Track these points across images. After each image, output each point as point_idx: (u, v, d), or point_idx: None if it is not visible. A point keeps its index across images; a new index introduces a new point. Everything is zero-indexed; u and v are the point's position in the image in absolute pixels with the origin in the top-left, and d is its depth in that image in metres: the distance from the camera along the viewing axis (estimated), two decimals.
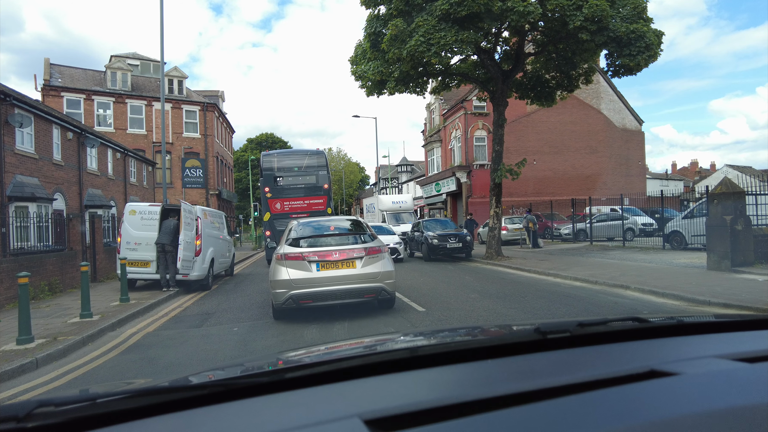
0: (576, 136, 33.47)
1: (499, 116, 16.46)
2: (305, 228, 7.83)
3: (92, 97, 30.11)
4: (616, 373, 1.00)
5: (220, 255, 13.05)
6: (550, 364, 1.19)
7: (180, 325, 7.52)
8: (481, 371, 1.17)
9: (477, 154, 31.45)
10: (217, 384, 1.11)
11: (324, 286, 6.95)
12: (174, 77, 33.68)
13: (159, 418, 0.90)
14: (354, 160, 75.56)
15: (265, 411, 0.94)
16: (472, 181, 31.05)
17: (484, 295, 9.30)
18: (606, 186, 32.83)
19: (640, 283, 9.40)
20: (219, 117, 37.57)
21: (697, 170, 71.23)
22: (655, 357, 1.19)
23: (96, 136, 20.08)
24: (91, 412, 0.90)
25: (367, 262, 7.17)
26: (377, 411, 0.83)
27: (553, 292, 9.29)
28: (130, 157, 25.03)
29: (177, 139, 33.28)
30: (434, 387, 1.09)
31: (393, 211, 27.45)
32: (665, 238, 17.71)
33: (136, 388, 1.13)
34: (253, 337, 6.43)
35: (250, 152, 62.84)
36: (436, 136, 36.41)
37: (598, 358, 1.23)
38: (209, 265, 11.59)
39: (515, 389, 0.93)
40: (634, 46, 12.99)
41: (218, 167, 36.36)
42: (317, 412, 0.90)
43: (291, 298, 6.88)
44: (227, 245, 14.17)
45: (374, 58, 15.31)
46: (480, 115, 31.39)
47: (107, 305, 8.98)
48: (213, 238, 12.35)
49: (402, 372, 1.12)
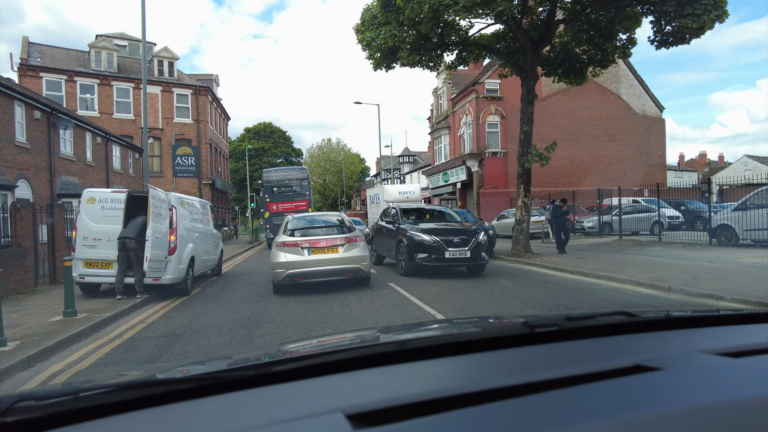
0: (594, 122, 31.26)
1: (529, 92, 14.29)
2: (299, 221, 9.80)
3: (74, 79, 27.84)
4: (603, 368, 1.00)
5: (204, 252, 10.96)
6: (537, 357, 1.18)
7: (129, 356, 5.38)
8: (468, 365, 1.15)
9: (489, 141, 29.25)
10: (203, 377, 1.11)
11: (313, 267, 8.77)
12: (164, 58, 31.39)
13: (143, 412, 0.88)
14: (354, 152, 73.24)
15: (249, 405, 0.92)
16: (483, 170, 28.88)
17: (539, 307, 7.26)
18: (625, 176, 30.70)
19: (733, 292, 7.34)
20: (213, 102, 35.31)
21: (706, 162, 69.39)
22: (641, 351, 1.18)
23: (70, 117, 17.89)
24: (73, 406, 0.88)
25: (348, 249, 9.00)
26: (361, 405, 0.82)
27: (626, 303, 7.23)
28: (113, 143, 22.86)
29: (167, 124, 31.07)
30: (420, 381, 1.05)
31: (400, 202, 25.33)
32: (711, 233, 15.59)
33: (120, 382, 1.12)
34: None
35: (248, 142, 60.61)
36: (443, 123, 34.19)
37: (586, 352, 1.22)
38: (188, 265, 9.50)
39: (502, 383, 0.92)
40: (699, 2, 10.80)
41: (212, 155, 34.16)
42: (301, 406, 0.89)
43: (288, 276, 8.74)
44: (213, 240, 12.07)
45: (386, 21, 13.13)
46: (493, 99, 29.17)
47: (44, 321, 6.87)
48: (194, 233, 10.25)
49: (389, 366, 1.10)
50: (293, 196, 23.79)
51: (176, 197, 9.30)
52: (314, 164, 66.35)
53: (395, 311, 7.28)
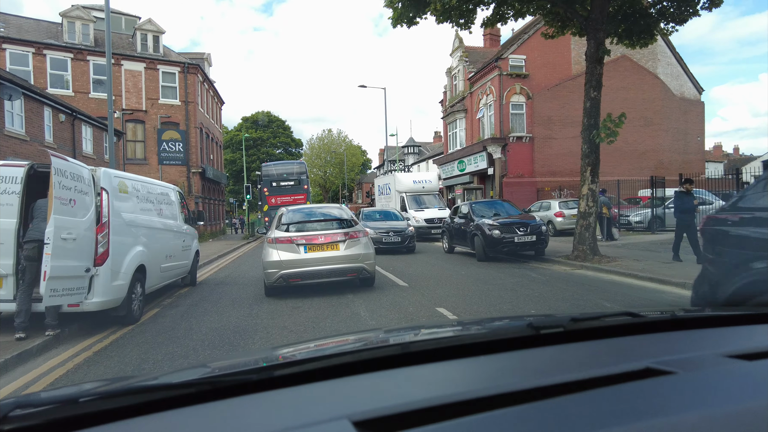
0: (629, 104, 27.73)
1: (598, 46, 10.99)
2: (294, 214, 8.61)
3: (44, 52, 24.51)
4: (613, 371, 0.98)
5: (165, 257, 7.80)
6: (543, 360, 1.16)
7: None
8: (474, 368, 1.14)
9: (514, 124, 25.95)
10: (205, 382, 1.05)
11: (311, 266, 7.70)
12: (148, 31, 28.02)
13: (144, 418, 0.86)
14: (356, 143, 69.99)
15: (252, 411, 0.89)
16: (507, 156, 25.61)
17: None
18: (662, 165, 27.52)
19: None
20: (204, 82, 31.97)
21: (722, 154, 66.91)
22: (650, 354, 1.13)
23: (19, 86, 14.64)
24: (72, 413, 0.87)
25: (350, 245, 7.93)
26: (367, 412, 0.81)
27: None
28: (82, 122, 19.62)
29: (152, 106, 27.76)
30: (425, 385, 1.04)
31: (414, 192, 22.11)
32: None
33: (120, 387, 1.05)
34: None
35: (245, 131, 57.32)
36: (459, 106, 30.87)
37: (593, 355, 1.21)
38: (132, 279, 6.31)
39: (510, 388, 0.91)
40: None
41: (203, 141, 30.87)
42: (305, 412, 0.87)
43: (281, 277, 7.65)
44: (182, 240, 8.87)
45: None
46: (518, 77, 25.85)
47: None
48: (145, 230, 7.06)
49: (393, 369, 1.08)
50: (292, 189, 24.29)
51: (108, 175, 6.06)
52: (314, 156, 63.34)
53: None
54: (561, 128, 26.30)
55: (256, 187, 35.36)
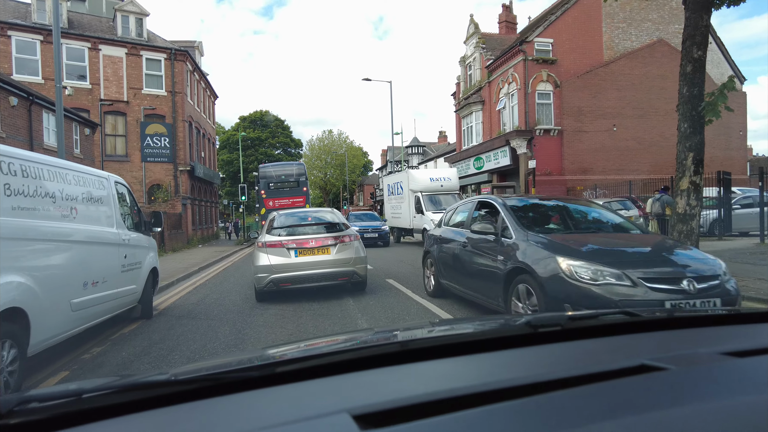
0: (666, 94, 24.87)
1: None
2: (285, 218, 8.63)
3: (8, 33, 21.63)
4: (608, 368, 0.98)
5: (81, 286, 4.83)
6: (541, 357, 1.16)
7: None
8: (472, 365, 1.13)
9: (540, 116, 23.06)
10: (207, 378, 1.06)
11: (301, 271, 7.61)
12: (130, 13, 25.13)
13: (148, 413, 0.87)
14: (357, 144, 67.30)
15: (254, 406, 0.91)
16: (534, 152, 22.68)
17: None
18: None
19: None
20: (194, 72, 29.08)
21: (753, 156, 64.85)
22: (645, 351, 1.15)
23: None
24: (76, 408, 0.87)
25: (341, 249, 7.86)
26: (366, 406, 0.81)
27: None
28: (41, 108, 16.72)
29: (134, 96, 24.87)
30: (425, 381, 1.03)
31: (432, 191, 19.17)
32: None
33: (124, 383, 1.06)
34: None
35: (242, 130, 54.51)
36: (475, 97, 27.99)
37: (590, 352, 1.21)
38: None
39: (507, 384, 0.92)
40: None
41: (192, 136, 27.95)
42: (306, 407, 0.88)
43: (272, 282, 7.54)
44: (121, 256, 5.85)
45: None
46: (544, 63, 22.98)
47: None
48: (36, 244, 4.13)
49: (392, 366, 1.08)
50: (290, 192, 23.16)
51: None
52: (315, 157, 60.80)
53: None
54: (592, 120, 23.44)
55: (252, 189, 32.58)
